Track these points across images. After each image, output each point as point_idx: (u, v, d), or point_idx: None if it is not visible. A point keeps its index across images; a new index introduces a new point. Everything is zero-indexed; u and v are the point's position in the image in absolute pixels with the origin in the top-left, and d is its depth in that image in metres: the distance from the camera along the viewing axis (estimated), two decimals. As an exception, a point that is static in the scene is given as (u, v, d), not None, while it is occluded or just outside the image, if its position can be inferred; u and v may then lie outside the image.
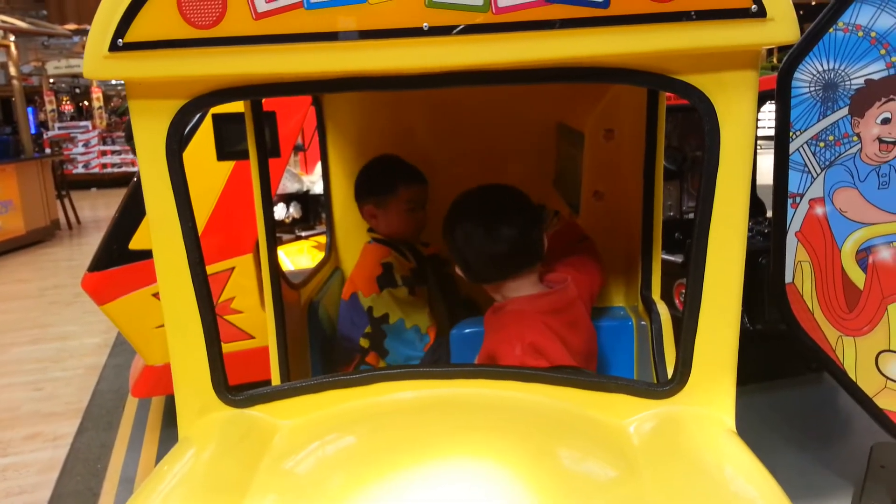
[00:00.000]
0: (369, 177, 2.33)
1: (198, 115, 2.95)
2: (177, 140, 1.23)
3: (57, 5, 17.51)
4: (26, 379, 4.69)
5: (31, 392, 4.47)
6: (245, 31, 1.11)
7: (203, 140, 2.93)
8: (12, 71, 10.26)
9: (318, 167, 5.43)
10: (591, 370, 1.83)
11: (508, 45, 1.11)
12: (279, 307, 1.74)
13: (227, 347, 1.39)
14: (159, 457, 3.54)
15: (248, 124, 1.65)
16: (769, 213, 3.32)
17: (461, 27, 1.10)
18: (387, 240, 2.31)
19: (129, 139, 12.82)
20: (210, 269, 1.33)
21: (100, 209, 12.32)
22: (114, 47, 1.13)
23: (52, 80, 17.15)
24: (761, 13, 1.09)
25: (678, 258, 3.58)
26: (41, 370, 4.84)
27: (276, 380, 1.72)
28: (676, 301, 3.52)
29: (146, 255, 3.27)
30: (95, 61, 1.14)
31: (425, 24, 1.10)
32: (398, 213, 2.28)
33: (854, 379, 2.34)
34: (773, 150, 2.29)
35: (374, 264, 2.24)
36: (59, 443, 3.76)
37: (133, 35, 1.12)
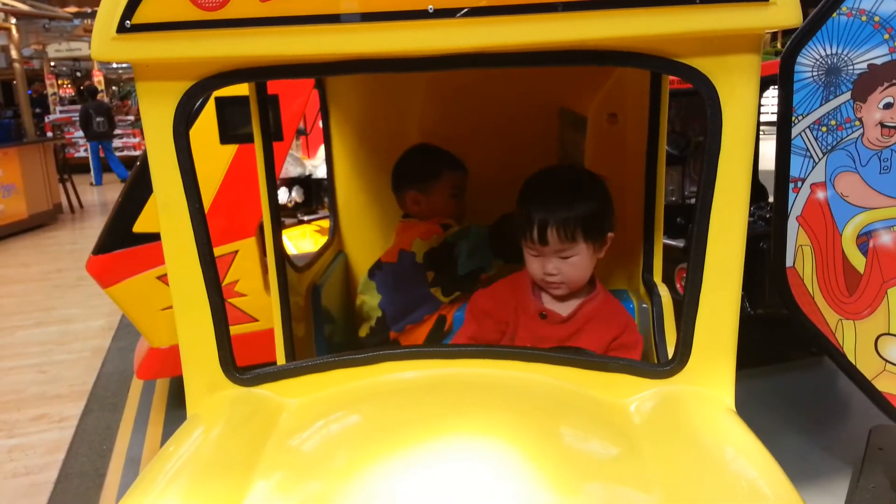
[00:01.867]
0: (412, 163, 2.32)
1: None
2: (184, 122, 1.24)
3: (57, -12, 17.44)
4: (31, 361, 4.72)
5: (36, 374, 4.51)
6: (252, 12, 1.12)
7: (206, 123, 2.94)
8: (13, 54, 10.24)
9: (321, 151, 5.44)
10: None
11: (513, 27, 1.12)
12: (284, 289, 1.75)
13: (231, 330, 1.41)
14: (164, 438, 3.57)
15: (253, 107, 1.66)
16: (771, 199, 3.33)
17: (466, 10, 1.11)
18: None
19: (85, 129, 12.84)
20: (214, 251, 1.35)
21: (101, 193, 12.34)
22: (121, 29, 1.14)
23: (52, 64, 17.11)
24: (764, -4, 1.10)
25: (680, 243, 3.59)
26: (46, 353, 4.87)
27: (281, 360, 1.74)
28: (678, 285, 3.54)
29: (150, 237, 3.29)
30: (103, 43, 1.15)
31: (430, 6, 1.11)
32: (443, 199, 2.28)
33: (854, 362, 2.36)
34: (775, 136, 2.30)
35: (428, 224, 2.25)
36: (64, 424, 3.80)
37: (141, 17, 1.13)
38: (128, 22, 1.13)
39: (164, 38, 1.14)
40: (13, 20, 10.08)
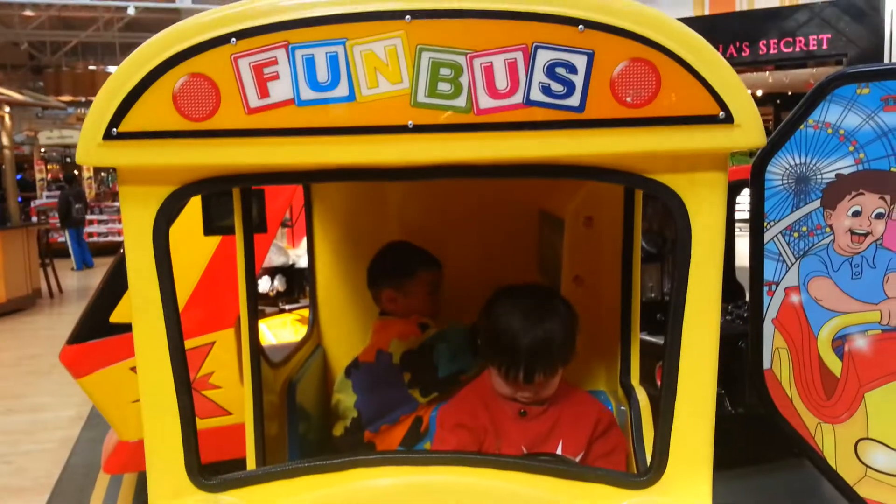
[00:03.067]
0: (388, 261, 2.33)
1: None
2: (164, 225, 1.26)
3: (54, 78, 17.89)
4: (-3, 452, 4.57)
5: (0, 466, 4.34)
6: (237, 124, 1.16)
7: (190, 213, 2.97)
8: (5, 141, 10.36)
9: (305, 241, 5.48)
10: None
11: (488, 143, 1.16)
12: (258, 386, 1.73)
13: (203, 423, 1.39)
14: (128, 537, 3.43)
15: (236, 203, 1.69)
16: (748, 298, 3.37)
17: (444, 125, 1.15)
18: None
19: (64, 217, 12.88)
20: (190, 342, 1.35)
21: (83, 278, 12.25)
22: (108, 136, 1.17)
23: (42, 150, 17.31)
24: (729, 119, 1.16)
25: (660, 339, 3.59)
26: (12, 443, 4.72)
27: (251, 462, 1.70)
28: (658, 382, 3.52)
29: (127, 328, 3.23)
30: (89, 148, 1.18)
31: (410, 122, 1.15)
32: (420, 296, 2.30)
33: (834, 467, 2.33)
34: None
35: (406, 323, 2.25)
36: (25, 521, 3.64)
37: (128, 125, 1.17)
38: (114, 129, 1.17)
39: (149, 145, 1.18)
40: (7, 108, 10.26)
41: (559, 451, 1.72)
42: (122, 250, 3.57)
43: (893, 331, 2.25)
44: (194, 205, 2.94)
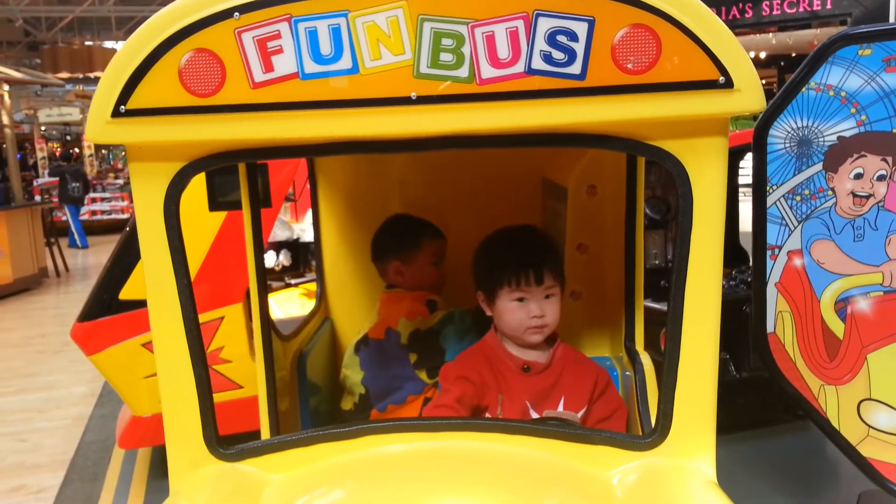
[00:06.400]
0: (392, 234, 2.34)
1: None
2: (175, 201, 1.28)
3: (50, 55, 17.76)
4: (11, 430, 4.63)
5: (15, 443, 4.42)
6: (243, 99, 1.17)
7: (195, 190, 2.98)
8: (5, 119, 10.32)
9: (309, 215, 5.49)
10: None
11: (491, 113, 1.18)
12: (269, 359, 1.76)
13: (215, 397, 1.42)
14: (145, 509, 3.50)
15: (242, 178, 1.70)
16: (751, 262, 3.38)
17: (447, 96, 1.17)
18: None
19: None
20: (200, 318, 1.37)
21: (88, 257, 12.30)
22: (116, 113, 1.19)
23: (43, 128, 17.27)
24: (729, 84, 1.16)
25: (664, 306, 3.62)
26: (26, 420, 4.79)
27: (265, 432, 1.74)
28: (662, 348, 3.55)
29: (136, 304, 3.29)
30: (98, 126, 1.20)
31: (413, 93, 1.16)
32: (425, 267, 2.31)
33: (837, 427, 2.37)
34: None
35: (414, 300, 2.27)
36: (43, 495, 3.70)
37: (135, 102, 1.18)
38: (122, 107, 1.18)
39: (157, 122, 1.19)
40: (6, 87, 10.21)
41: (561, 407, 1.78)
42: (128, 228, 3.59)
43: (895, 292, 2.27)
44: (198, 182, 2.95)
